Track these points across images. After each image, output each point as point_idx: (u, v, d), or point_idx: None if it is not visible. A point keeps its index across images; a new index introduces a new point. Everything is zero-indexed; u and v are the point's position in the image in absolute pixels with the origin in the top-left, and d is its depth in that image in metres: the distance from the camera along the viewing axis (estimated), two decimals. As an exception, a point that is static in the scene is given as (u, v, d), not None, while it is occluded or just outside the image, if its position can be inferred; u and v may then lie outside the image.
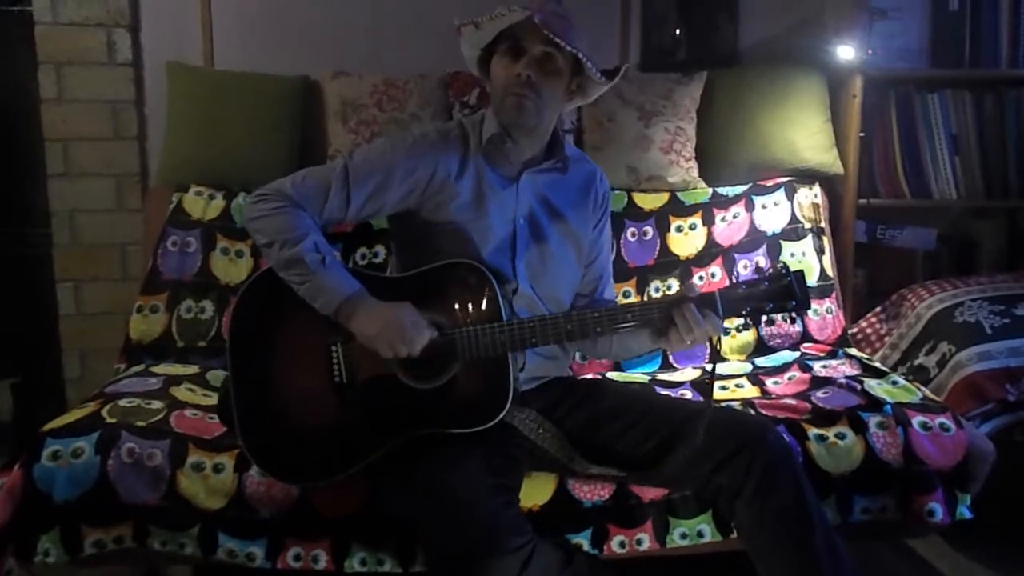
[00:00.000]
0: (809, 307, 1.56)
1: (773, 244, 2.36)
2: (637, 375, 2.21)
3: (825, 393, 1.93)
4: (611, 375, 2.19)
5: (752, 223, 2.38)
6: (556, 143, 1.73)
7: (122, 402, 1.80)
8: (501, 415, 1.56)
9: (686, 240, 2.39)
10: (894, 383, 1.96)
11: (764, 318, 1.56)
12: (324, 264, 1.56)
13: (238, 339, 1.64)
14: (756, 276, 1.56)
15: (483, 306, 1.58)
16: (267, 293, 1.61)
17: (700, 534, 1.71)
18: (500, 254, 1.68)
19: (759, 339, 2.29)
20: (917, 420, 1.79)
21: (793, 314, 1.56)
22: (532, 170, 1.71)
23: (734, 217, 2.40)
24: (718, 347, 1.64)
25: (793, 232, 2.37)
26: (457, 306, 1.59)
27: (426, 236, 1.67)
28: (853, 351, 2.25)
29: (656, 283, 2.35)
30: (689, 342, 1.54)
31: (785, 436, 1.70)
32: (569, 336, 1.59)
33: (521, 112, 1.61)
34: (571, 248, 1.76)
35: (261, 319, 1.63)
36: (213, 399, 1.92)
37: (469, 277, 1.59)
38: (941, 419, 1.80)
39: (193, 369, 2.11)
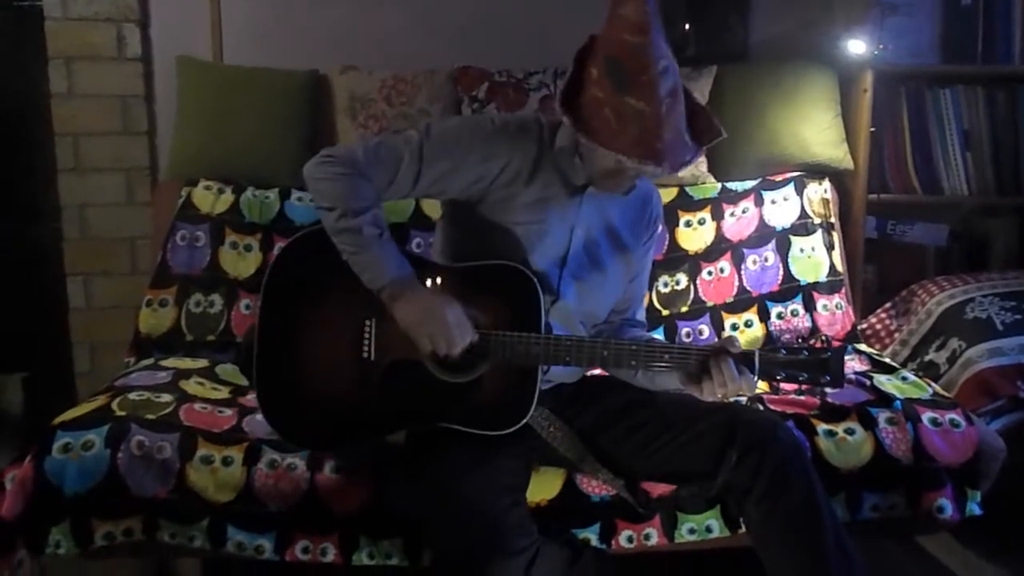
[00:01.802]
0: (842, 386, 1.55)
1: (782, 239, 2.35)
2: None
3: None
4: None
5: (761, 218, 2.37)
6: None
7: (131, 395, 1.80)
8: (520, 423, 1.56)
9: (695, 235, 2.38)
10: (904, 379, 1.95)
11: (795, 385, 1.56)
12: (380, 239, 1.54)
13: (273, 292, 1.63)
14: (797, 344, 1.55)
15: (524, 314, 1.57)
16: (311, 254, 1.59)
17: (708, 529, 1.71)
18: (550, 263, 1.65)
19: (768, 335, 2.28)
20: (927, 416, 1.78)
21: (827, 389, 1.56)
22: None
23: (743, 212, 2.39)
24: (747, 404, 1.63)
25: (802, 227, 2.36)
26: (498, 307, 1.57)
27: (481, 231, 1.64)
28: (863, 347, 2.24)
29: (664, 278, 2.35)
30: (720, 395, 1.53)
31: (794, 432, 1.70)
32: (603, 363, 1.58)
33: (618, 193, 1.63)
34: (622, 267, 1.74)
35: (300, 278, 1.62)
36: (223, 392, 1.94)
37: (517, 282, 1.57)
38: (951, 415, 1.79)
39: (202, 363, 2.12)
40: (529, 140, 1.64)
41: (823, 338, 1.55)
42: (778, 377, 1.54)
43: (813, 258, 2.33)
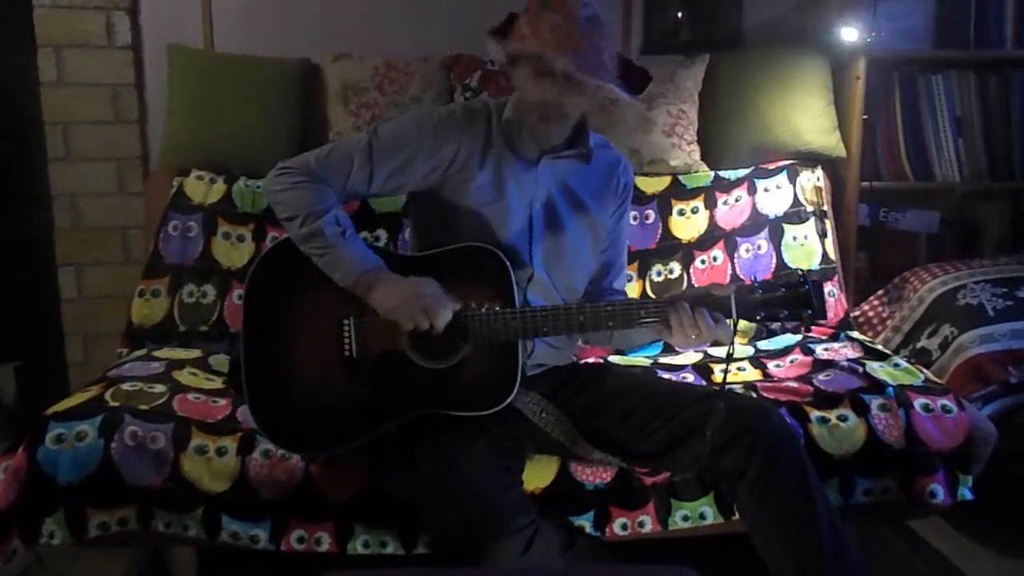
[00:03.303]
0: (825, 318, 1.54)
1: (775, 227, 2.35)
2: (639, 359, 2.21)
3: (827, 376, 1.93)
4: (613, 359, 2.19)
5: (754, 206, 2.37)
6: (581, 132, 1.71)
7: (125, 386, 1.80)
8: (507, 400, 1.56)
9: (688, 223, 2.38)
10: (896, 365, 1.96)
11: (777, 324, 1.54)
12: (344, 237, 1.56)
13: (253, 305, 1.64)
14: (773, 281, 1.53)
15: (497, 292, 1.58)
16: (286, 262, 1.61)
17: (702, 516, 1.72)
18: (518, 239, 1.67)
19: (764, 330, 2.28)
20: (919, 402, 1.79)
21: (808, 323, 1.54)
22: (552, 155, 1.69)
23: (736, 200, 2.39)
24: (731, 351, 1.60)
25: (795, 215, 2.36)
26: (472, 290, 1.58)
27: (446, 217, 1.66)
28: (855, 334, 2.25)
29: (658, 266, 2.35)
30: (693, 339, 1.52)
31: (787, 419, 1.70)
32: (581, 328, 1.58)
33: (547, 136, 1.63)
34: (589, 237, 1.74)
35: (278, 287, 1.63)
36: (216, 383, 1.94)
37: (485, 261, 1.59)
38: (943, 401, 1.80)
39: (195, 353, 2.11)
40: (477, 123, 1.67)
41: (799, 272, 1.52)
42: (758, 317, 1.52)
43: (806, 246, 2.34)
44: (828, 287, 2.31)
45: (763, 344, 2.23)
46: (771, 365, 2.09)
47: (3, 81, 2.63)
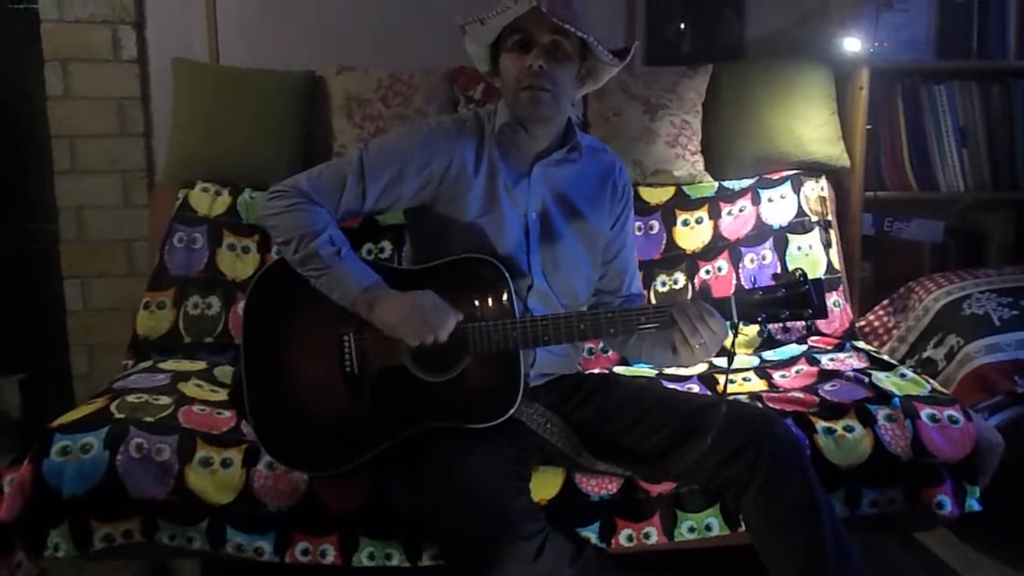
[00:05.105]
0: (826, 316, 1.53)
1: (780, 237, 2.35)
2: (644, 369, 2.20)
3: (833, 386, 1.92)
4: (618, 370, 2.19)
5: (759, 216, 2.37)
6: (569, 131, 1.71)
7: (130, 398, 1.80)
8: (511, 411, 1.56)
9: (692, 234, 2.38)
10: (902, 376, 1.96)
11: (779, 325, 1.53)
12: (340, 256, 1.56)
13: (252, 325, 1.64)
14: (773, 282, 1.52)
15: (496, 301, 1.58)
16: (282, 281, 1.61)
17: (708, 527, 1.71)
18: (516, 249, 1.66)
19: (767, 334, 2.28)
20: (926, 412, 1.78)
21: (809, 322, 1.54)
22: (544, 161, 1.69)
23: (740, 211, 2.39)
24: (732, 351, 1.59)
25: (800, 225, 2.36)
26: (470, 301, 1.58)
27: (442, 231, 1.66)
28: (861, 344, 2.24)
29: (662, 277, 2.35)
30: (697, 346, 1.50)
31: (793, 429, 1.70)
32: (582, 335, 1.57)
33: (538, 105, 1.60)
34: (585, 243, 1.74)
35: (275, 306, 1.63)
36: (221, 395, 1.93)
37: (483, 272, 1.59)
38: (950, 411, 1.79)
39: (200, 365, 2.11)
40: (467, 134, 1.68)
41: (798, 272, 1.52)
42: (759, 319, 1.51)
43: (811, 256, 2.33)
44: (833, 297, 2.31)
45: (768, 354, 2.23)
46: (776, 375, 2.08)
47: (9, 94, 2.65)
